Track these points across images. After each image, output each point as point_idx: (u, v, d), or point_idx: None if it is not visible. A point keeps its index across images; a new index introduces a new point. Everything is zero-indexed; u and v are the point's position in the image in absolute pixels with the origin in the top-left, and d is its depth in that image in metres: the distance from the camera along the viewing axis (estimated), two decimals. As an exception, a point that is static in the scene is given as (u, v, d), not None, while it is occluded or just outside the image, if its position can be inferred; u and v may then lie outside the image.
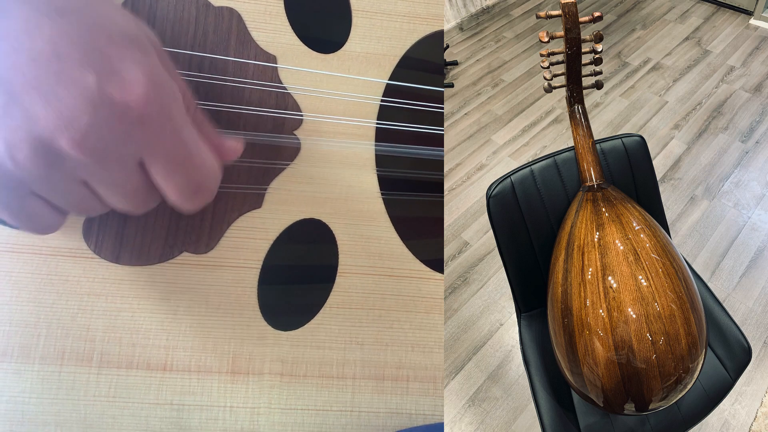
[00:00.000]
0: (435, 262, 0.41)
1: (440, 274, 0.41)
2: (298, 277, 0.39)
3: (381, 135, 0.41)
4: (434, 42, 0.42)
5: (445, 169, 1.70)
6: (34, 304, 0.36)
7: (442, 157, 0.43)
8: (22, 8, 0.25)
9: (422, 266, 0.41)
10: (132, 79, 0.26)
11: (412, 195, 0.42)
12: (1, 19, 0.25)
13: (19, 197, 0.27)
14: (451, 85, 1.99)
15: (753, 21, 2.12)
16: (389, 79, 0.41)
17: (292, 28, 0.40)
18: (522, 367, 1.20)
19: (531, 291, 0.81)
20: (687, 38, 2.09)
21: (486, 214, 1.15)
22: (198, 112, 0.34)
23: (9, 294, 0.36)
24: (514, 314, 1.23)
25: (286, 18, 0.39)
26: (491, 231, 0.82)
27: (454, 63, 2.08)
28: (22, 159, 0.25)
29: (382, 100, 0.41)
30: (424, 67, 0.42)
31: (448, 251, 1.46)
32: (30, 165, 0.26)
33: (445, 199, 1.61)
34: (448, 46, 2.18)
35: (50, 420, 0.35)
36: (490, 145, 1.75)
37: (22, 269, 0.36)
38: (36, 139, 0.25)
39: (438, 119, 0.42)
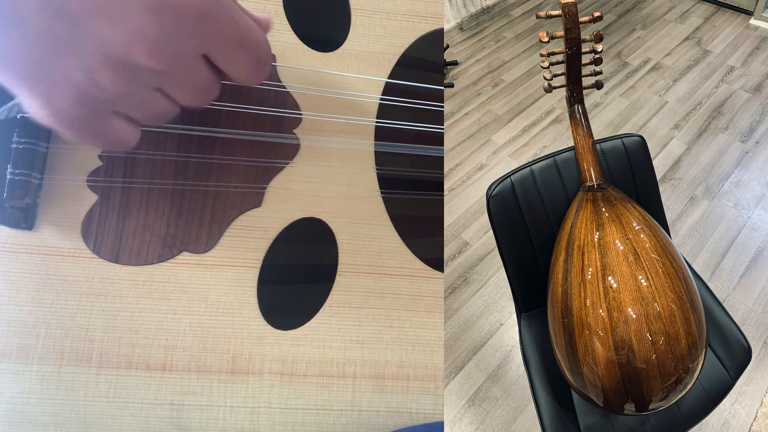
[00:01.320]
0: (435, 260, 0.41)
1: (440, 273, 0.41)
2: (298, 277, 0.39)
3: (380, 133, 0.41)
4: (434, 40, 0.42)
5: (445, 169, 1.70)
6: (33, 304, 0.36)
7: (442, 155, 0.43)
8: None
9: (422, 265, 0.40)
10: None
11: (412, 194, 0.42)
12: None
13: (104, 118, 0.29)
14: (451, 85, 1.99)
15: (753, 21, 2.12)
16: (388, 78, 0.41)
17: (291, 27, 0.40)
18: (522, 367, 1.20)
19: (531, 291, 0.81)
20: (687, 38, 2.09)
21: (486, 214, 1.15)
22: None
23: (7, 294, 0.35)
24: (514, 314, 1.23)
25: (285, 17, 0.39)
26: (491, 231, 0.82)
27: (454, 63, 2.08)
28: (104, 81, 0.26)
29: (381, 99, 0.41)
30: (423, 65, 0.42)
31: (448, 251, 1.46)
32: (112, 86, 0.27)
33: (445, 199, 1.60)
34: (448, 46, 2.18)
35: (49, 420, 0.35)
36: (490, 145, 1.75)
37: (20, 269, 0.36)
38: (113, 59, 0.26)
39: (438, 117, 0.42)
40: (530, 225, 0.75)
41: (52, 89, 0.26)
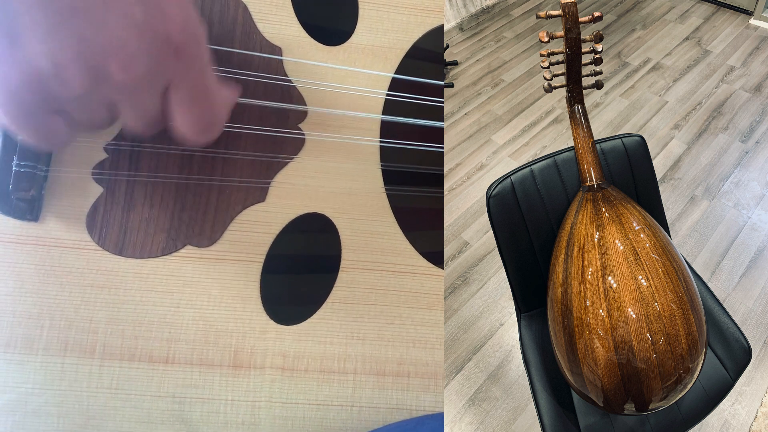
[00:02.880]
0: (435, 254, 0.41)
1: (440, 269, 0.41)
2: (301, 272, 0.39)
3: (386, 129, 0.41)
4: (437, 35, 0.42)
5: (445, 169, 1.70)
6: (38, 296, 0.36)
7: (443, 150, 0.43)
8: None
9: (424, 261, 0.40)
10: (173, 14, 0.28)
11: (416, 190, 0.42)
12: None
13: (46, 113, 0.29)
14: (451, 85, 1.99)
15: (753, 21, 2.12)
16: (395, 73, 0.41)
17: (299, 19, 0.39)
18: (522, 367, 1.20)
19: (531, 291, 0.81)
20: (687, 38, 2.09)
21: (486, 214, 1.15)
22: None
23: (12, 285, 0.36)
24: (514, 314, 1.23)
25: (293, 9, 0.39)
26: (491, 231, 0.82)
27: (454, 63, 2.08)
28: (71, 79, 0.27)
29: (387, 94, 0.41)
30: (429, 60, 0.42)
31: (448, 251, 1.46)
32: (75, 84, 0.27)
33: (445, 199, 1.61)
34: (448, 46, 2.18)
35: (53, 411, 0.35)
36: (490, 145, 1.75)
37: (25, 260, 0.36)
38: (87, 61, 0.27)
39: (438, 113, 0.42)
40: (530, 225, 0.75)
41: (11, 64, 0.26)
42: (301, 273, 0.39)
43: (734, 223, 1.45)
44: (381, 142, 0.41)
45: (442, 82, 0.43)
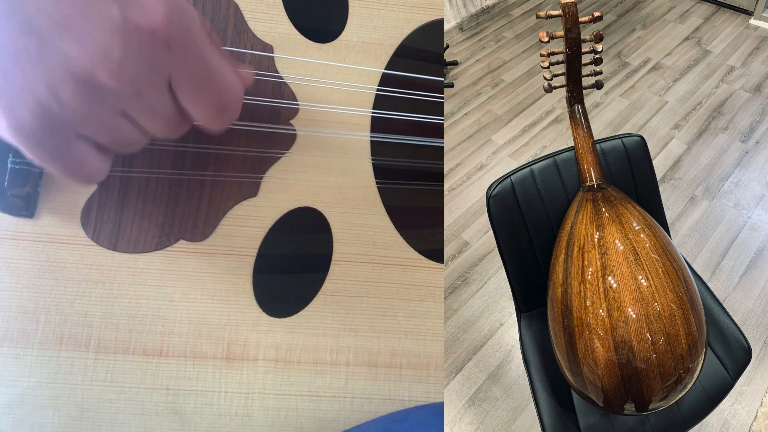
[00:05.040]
0: (431, 251, 0.41)
1: (436, 263, 0.41)
2: (293, 265, 0.39)
3: (376, 124, 0.41)
4: (433, 31, 0.43)
5: (445, 169, 1.70)
6: (34, 290, 0.36)
7: (442, 145, 0.43)
8: None
9: (416, 254, 0.41)
10: (152, 5, 0.27)
11: (409, 184, 0.42)
12: None
13: (66, 141, 0.28)
14: (451, 85, 1.99)
15: (753, 21, 2.12)
16: (385, 69, 0.41)
17: (289, 17, 0.40)
18: (522, 367, 1.20)
19: (531, 291, 0.81)
20: (687, 38, 2.09)
21: (486, 214, 1.15)
22: (216, 38, 0.34)
23: (8, 280, 0.36)
24: (514, 314, 1.23)
25: (283, 8, 0.40)
26: (491, 231, 0.82)
27: (454, 63, 2.09)
28: (67, 98, 0.26)
29: (377, 90, 0.41)
30: (421, 56, 0.43)
31: (448, 251, 1.46)
32: (74, 103, 0.26)
33: (445, 199, 1.61)
34: (448, 46, 2.18)
35: (48, 403, 0.35)
36: (490, 145, 1.75)
37: (21, 256, 0.36)
38: (76, 76, 0.26)
39: (437, 108, 0.43)
40: (530, 225, 0.76)
41: (13, 100, 0.26)
42: (293, 267, 0.39)
43: (734, 223, 1.45)
44: (371, 137, 0.41)
45: (437, 78, 0.43)
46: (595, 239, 0.63)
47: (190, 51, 0.29)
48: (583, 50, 0.69)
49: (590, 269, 0.61)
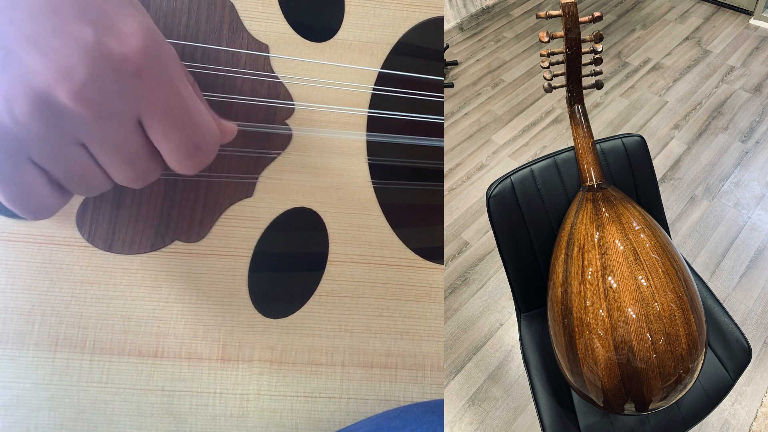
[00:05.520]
0: (429, 250, 0.41)
1: (432, 263, 0.41)
2: (289, 266, 0.39)
3: (373, 124, 0.41)
4: (433, 28, 0.42)
5: (445, 169, 1.70)
6: (29, 292, 0.36)
7: (442, 145, 0.43)
8: None
9: (412, 255, 0.41)
10: (129, 32, 0.26)
11: (406, 184, 0.42)
12: None
13: (16, 163, 0.26)
14: (451, 85, 1.99)
15: (753, 21, 2.12)
16: (381, 68, 0.41)
17: (285, 16, 0.40)
18: (522, 367, 1.20)
19: (531, 291, 0.81)
20: (687, 38, 2.09)
21: (486, 214, 1.15)
22: (197, 87, 0.33)
23: (4, 282, 0.36)
24: (514, 314, 1.23)
25: (279, 7, 0.40)
26: (491, 231, 0.82)
27: (454, 63, 2.09)
28: (20, 113, 0.25)
29: (373, 89, 0.41)
30: (421, 54, 0.42)
31: (448, 251, 1.46)
32: (28, 120, 0.25)
33: (445, 199, 1.61)
34: (448, 46, 2.18)
35: (44, 405, 0.35)
36: (490, 145, 1.75)
37: (16, 257, 0.36)
38: (34, 91, 0.25)
39: (436, 107, 0.42)
40: (530, 225, 0.75)
41: None
42: (288, 267, 0.39)
43: (734, 223, 1.44)
44: (368, 136, 0.41)
45: (437, 76, 0.43)
46: (595, 239, 0.63)
47: (163, 83, 0.27)
48: (583, 50, 0.69)
49: (590, 269, 0.61)
